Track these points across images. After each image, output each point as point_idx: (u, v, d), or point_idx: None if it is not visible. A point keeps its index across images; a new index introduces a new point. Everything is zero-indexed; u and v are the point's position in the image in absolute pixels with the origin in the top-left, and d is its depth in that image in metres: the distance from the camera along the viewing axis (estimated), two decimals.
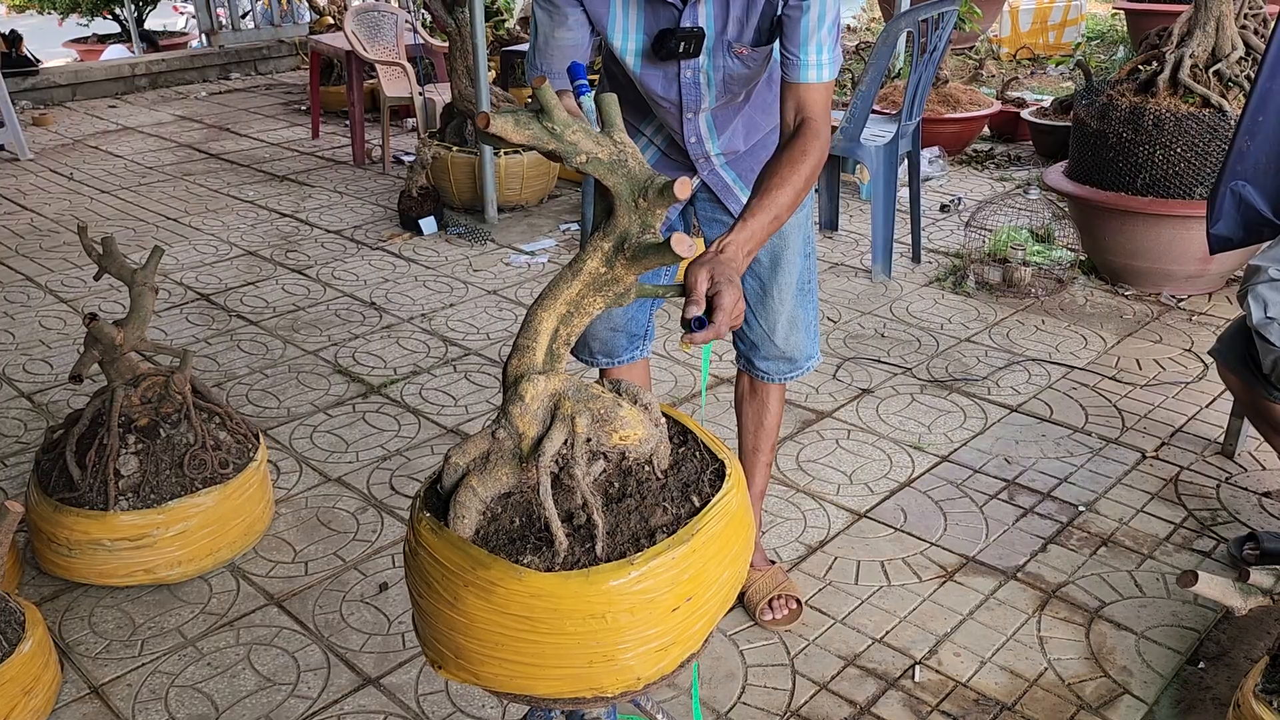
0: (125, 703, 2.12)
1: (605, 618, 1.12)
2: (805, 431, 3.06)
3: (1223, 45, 3.73)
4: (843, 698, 2.08)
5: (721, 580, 1.21)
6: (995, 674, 2.13)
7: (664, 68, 1.84)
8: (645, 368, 2.30)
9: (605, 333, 2.20)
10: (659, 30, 1.75)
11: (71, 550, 2.37)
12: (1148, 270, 3.89)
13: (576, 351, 2.24)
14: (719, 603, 1.22)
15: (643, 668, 1.17)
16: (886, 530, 2.60)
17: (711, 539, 1.18)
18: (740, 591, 1.64)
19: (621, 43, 1.80)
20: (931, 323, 3.79)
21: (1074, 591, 2.37)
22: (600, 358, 2.23)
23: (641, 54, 1.81)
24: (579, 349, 2.23)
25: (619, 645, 1.14)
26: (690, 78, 1.85)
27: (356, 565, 2.52)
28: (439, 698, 2.10)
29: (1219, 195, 2.40)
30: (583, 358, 2.25)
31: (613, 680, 1.17)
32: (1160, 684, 2.10)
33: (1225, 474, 2.81)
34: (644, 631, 1.14)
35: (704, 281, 1.37)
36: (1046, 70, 8.11)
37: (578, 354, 2.25)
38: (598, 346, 2.22)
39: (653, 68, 1.84)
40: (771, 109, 1.98)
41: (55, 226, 5.06)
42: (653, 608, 1.14)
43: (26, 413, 3.27)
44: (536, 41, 1.82)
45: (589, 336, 2.21)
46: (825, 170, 4.63)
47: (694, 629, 1.20)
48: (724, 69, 1.84)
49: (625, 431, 1.21)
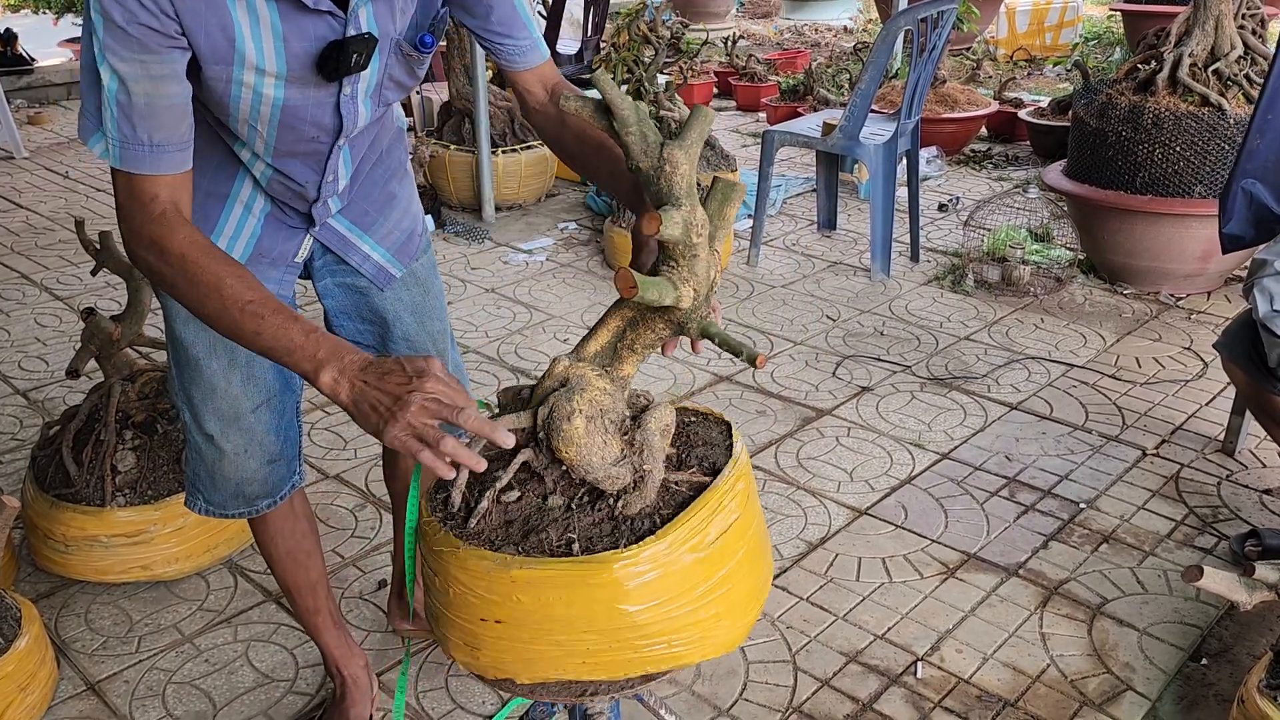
0: (122, 699, 2.10)
1: None
2: (805, 429, 3.05)
3: (1221, 44, 3.73)
4: (845, 694, 2.07)
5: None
6: (998, 670, 2.12)
7: (320, 91, 1.42)
8: (305, 500, 1.91)
9: (263, 470, 1.76)
10: (328, 43, 1.35)
11: (68, 547, 2.35)
12: (1146, 269, 3.89)
13: (222, 509, 1.78)
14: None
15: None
16: (887, 527, 2.59)
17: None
18: None
19: (256, 75, 1.34)
20: (931, 321, 3.78)
21: (1076, 588, 2.36)
22: (261, 503, 1.79)
23: (287, 80, 1.37)
24: (226, 504, 1.78)
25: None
26: (350, 93, 1.45)
27: (354, 562, 2.50)
28: (438, 694, 2.08)
29: (1230, 195, 2.39)
30: (231, 513, 1.79)
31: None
32: (1163, 680, 2.09)
33: (1226, 471, 2.80)
34: None
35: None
36: (1043, 71, 8.12)
37: (224, 512, 1.79)
38: (256, 490, 1.77)
39: (304, 93, 1.40)
40: (381, 134, 1.68)
41: (50, 225, 5.04)
42: None
43: (22, 410, 3.25)
44: (129, 110, 1.28)
45: (242, 483, 1.75)
46: (824, 169, 4.63)
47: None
48: (387, 76, 1.49)
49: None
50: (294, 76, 1.37)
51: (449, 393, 1.15)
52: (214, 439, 1.70)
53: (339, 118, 1.47)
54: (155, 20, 1.23)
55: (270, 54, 1.33)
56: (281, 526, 1.87)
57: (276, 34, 1.32)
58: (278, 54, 1.34)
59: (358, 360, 1.20)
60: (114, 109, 1.28)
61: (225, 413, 1.69)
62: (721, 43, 8.16)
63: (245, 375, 1.68)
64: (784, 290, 4.10)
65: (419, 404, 1.14)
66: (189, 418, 1.72)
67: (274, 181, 1.55)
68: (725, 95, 7.62)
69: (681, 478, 1.22)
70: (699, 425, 1.34)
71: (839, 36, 10.09)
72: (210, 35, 1.28)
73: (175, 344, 1.68)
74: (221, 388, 1.67)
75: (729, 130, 6.68)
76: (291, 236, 1.66)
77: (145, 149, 1.30)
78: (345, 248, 1.72)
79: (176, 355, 1.69)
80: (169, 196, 1.32)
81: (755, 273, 4.28)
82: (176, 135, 1.32)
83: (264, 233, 1.62)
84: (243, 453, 1.72)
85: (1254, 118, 2.40)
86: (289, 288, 1.71)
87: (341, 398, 1.19)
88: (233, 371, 1.67)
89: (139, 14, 1.22)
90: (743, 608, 1.22)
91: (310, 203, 1.60)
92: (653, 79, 4.75)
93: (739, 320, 3.82)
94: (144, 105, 1.28)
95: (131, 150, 1.30)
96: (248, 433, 1.71)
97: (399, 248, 1.77)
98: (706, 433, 1.32)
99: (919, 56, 3.99)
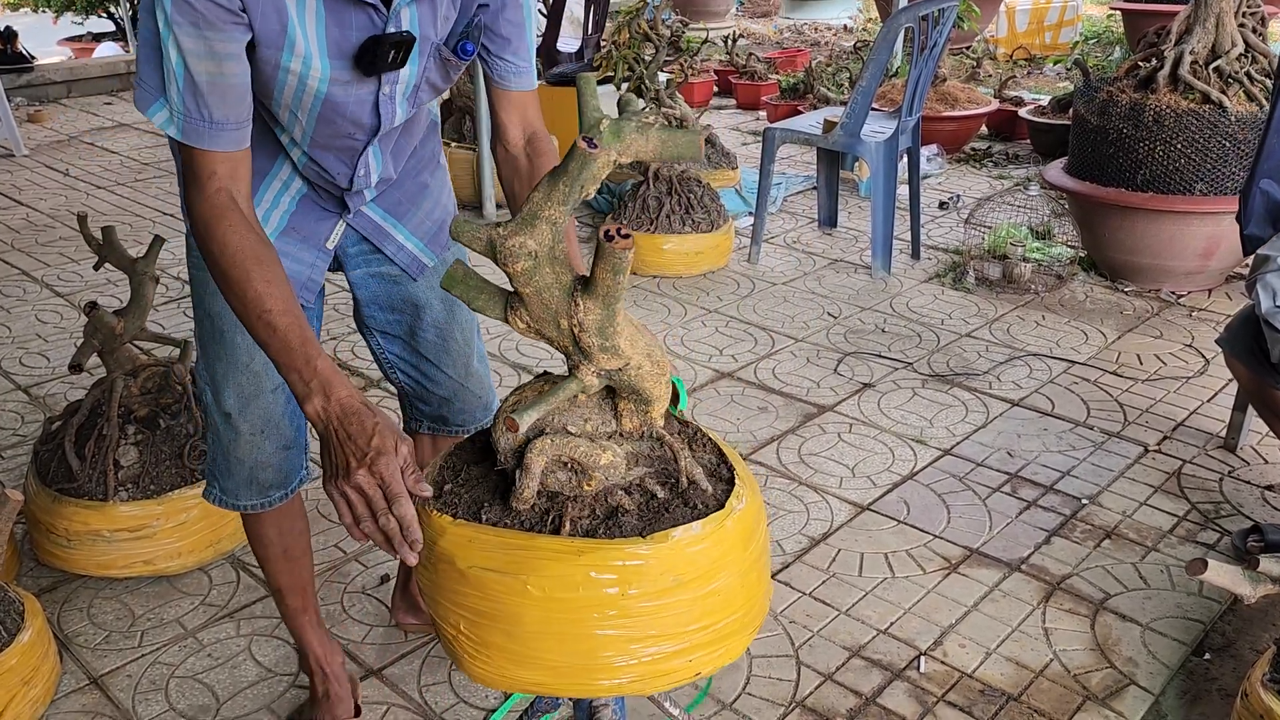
0: (125, 694, 2.10)
1: None
2: (807, 425, 3.05)
3: (1223, 42, 3.73)
4: (848, 688, 2.07)
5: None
6: (1001, 665, 2.13)
7: (361, 87, 1.46)
8: (300, 498, 1.87)
9: (278, 455, 1.75)
10: (366, 39, 1.39)
11: (70, 541, 2.35)
12: (1147, 266, 3.89)
13: (235, 499, 1.78)
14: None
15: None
16: (889, 523, 2.59)
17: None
18: None
19: (303, 64, 1.38)
20: (932, 318, 3.78)
21: (1078, 583, 2.36)
22: (274, 494, 1.78)
23: (329, 73, 1.41)
24: (239, 492, 1.77)
25: None
26: (389, 93, 1.49)
27: (357, 557, 2.50)
28: (441, 688, 2.08)
29: (1250, 196, 2.38)
30: (244, 503, 1.78)
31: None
32: (1166, 675, 2.09)
33: (1228, 467, 2.80)
34: None
35: None
36: (1043, 70, 8.13)
37: (237, 502, 1.78)
38: (270, 477, 1.76)
39: (346, 88, 1.44)
40: (414, 128, 1.68)
41: (51, 222, 5.03)
42: None
43: (23, 406, 3.25)
44: (192, 85, 1.31)
45: (256, 467, 1.74)
46: (824, 166, 4.63)
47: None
48: (425, 79, 1.53)
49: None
50: (335, 68, 1.41)
51: (391, 484, 1.16)
52: (231, 418, 1.71)
53: (376, 116, 1.51)
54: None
55: (315, 42, 1.37)
56: (282, 525, 1.86)
57: (320, 22, 1.36)
58: (320, 43, 1.37)
59: (341, 402, 1.22)
60: (179, 83, 1.32)
61: (246, 389, 1.69)
62: (722, 41, 8.16)
63: None
64: (785, 287, 4.10)
65: (357, 484, 1.16)
66: (210, 398, 1.72)
67: (308, 168, 1.60)
68: (725, 93, 7.62)
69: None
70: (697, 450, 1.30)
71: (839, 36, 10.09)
72: (266, 17, 1.31)
73: (205, 317, 1.68)
74: (244, 362, 1.67)
75: (729, 129, 6.68)
76: (325, 218, 1.68)
77: (206, 124, 1.34)
78: (381, 237, 1.75)
79: (203, 329, 1.70)
80: (226, 173, 1.36)
81: (756, 270, 4.28)
82: (235, 114, 1.35)
83: (298, 210, 1.65)
84: (259, 434, 1.72)
85: (1272, 117, 2.38)
86: (320, 273, 1.72)
87: (318, 429, 1.24)
88: (256, 349, 1.65)
89: None
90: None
91: (343, 191, 1.64)
92: (653, 77, 4.75)
93: (740, 317, 3.82)
94: (205, 82, 1.32)
95: (194, 124, 1.34)
96: (265, 413, 1.71)
97: (431, 237, 1.80)
98: (703, 458, 1.28)
99: (920, 54, 3.99)
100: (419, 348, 1.85)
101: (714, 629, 1.18)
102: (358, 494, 1.16)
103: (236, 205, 1.36)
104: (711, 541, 1.16)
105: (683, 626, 1.16)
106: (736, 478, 1.23)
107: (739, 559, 1.19)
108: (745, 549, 1.20)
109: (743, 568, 1.19)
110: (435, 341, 1.84)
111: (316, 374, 1.24)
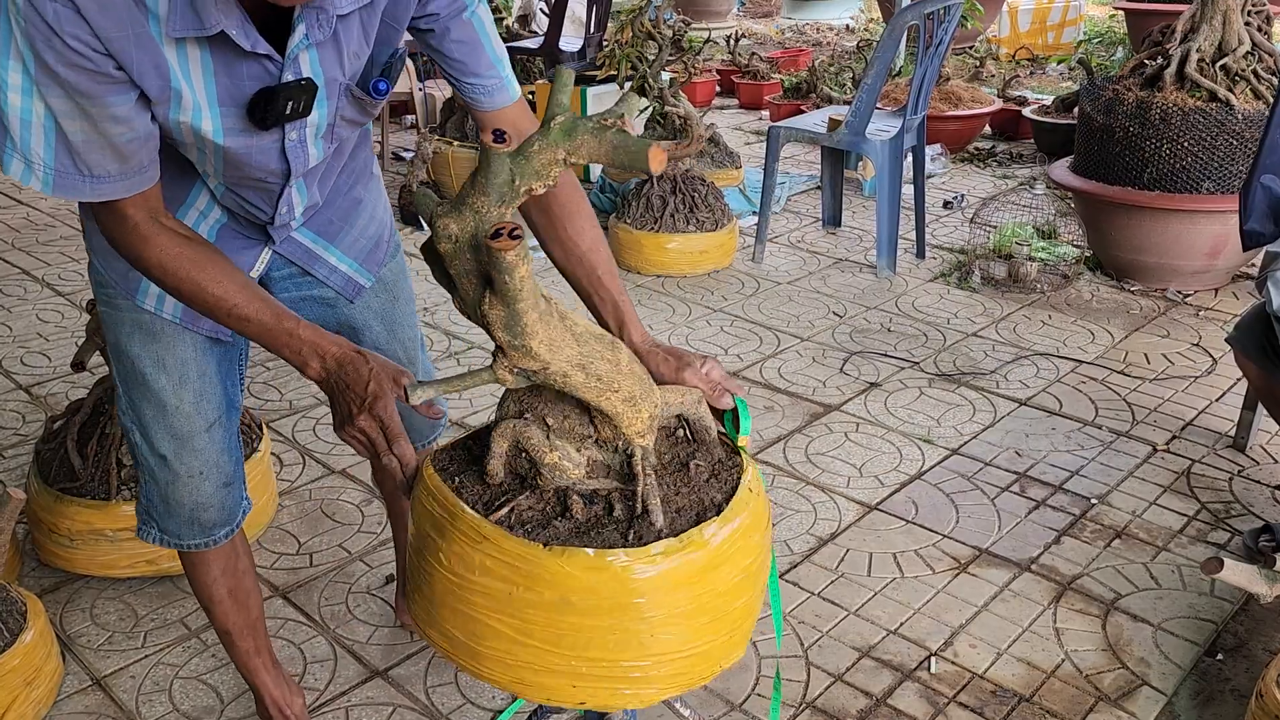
0: (129, 694, 2.08)
1: None
2: (813, 425, 3.04)
3: (1229, 40, 3.72)
4: (858, 689, 2.05)
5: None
6: (1012, 665, 2.11)
7: (263, 137, 1.33)
8: (242, 533, 1.79)
9: (219, 494, 1.67)
10: (257, 90, 1.26)
11: (73, 541, 2.33)
12: (1154, 265, 3.87)
13: (178, 538, 1.70)
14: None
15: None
16: (898, 523, 2.58)
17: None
18: None
19: (193, 116, 1.25)
20: (937, 317, 3.76)
21: (1089, 583, 2.34)
22: (219, 531, 1.70)
23: (223, 124, 1.28)
24: (181, 533, 1.69)
25: None
26: (297, 139, 1.36)
27: (361, 557, 2.48)
28: (448, 689, 2.07)
29: (1251, 191, 2.37)
30: (187, 543, 1.70)
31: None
32: (1179, 675, 2.08)
33: (1238, 467, 2.78)
34: None
35: (699, 375, 1.27)
36: (1046, 70, 8.11)
37: (180, 541, 1.70)
38: (213, 517, 1.68)
39: (245, 137, 1.31)
40: (343, 148, 1.55)
41: (51, 221, 5.01)
42: None
43: (24, 405, 3.23)
44: (66, 143, 1.19)
45: (197, 508, 1.66)
46: (828, 166, 4.62)
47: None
48: (339, 118, 1.40)
49: None
50: (229, 118, 1.28)
51: (390, 425, 1.24)
52: (168, 460, 1.61)
53: (286, 162, 1.39)
54: (89, 61, 1.13)
55: (203, 94, 1.24)
56: (226, 565, 1.77)
57: (208, 72, 1.23)
58: (209, 94, 1.25)
59: (335, 357, 1.27)
60: (46, 137, 1.18)
61: (179, 430, 1.59)
62: (724, 41, 8.15)
63: (197, 392, 1.60)
64: (789, 287, 4.08)
65: (361, 428, 1.25)
66: (139, 438, 1.62)
67: (228, 197, 1.48)
68: (728, 93, 7.61)
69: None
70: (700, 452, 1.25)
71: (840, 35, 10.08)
72: (145, 75, 1.18)
73: (120, 357, 1.59)
74: (173, 405, 1.58)
75: (732, 128, 6.66)
76: (248, 247, 1.56)
77: (85, 179, 1.22)
78: (310, 261, 1.63)
79: (122, 369, 1.60)
80: (139, 209, 1.28)
81: (761, 269, 4.27)
82: (124, 168, 1.23)
83: (218, 240, 1.52)
84: (198, 475, 1.63)
85: (1273, 112, 2.37)
86: None
87: (323, 388, 1.30)
88: (184, 389, 1.58)
89: (70, 56, 1.11)
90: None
91: (266, 223, 1.53)
92: (657, 75, 4.73)
93: (745, 316, 3.81)
94: (81, 142, 1.19)
95: (69, 180, 1.22)
96: (202, 454, 1.62)
97: (366, 255, 1.69)
98: (708, 459, 1.24)
99: (925, 51, 3.97)
100: None
101: (604, 663, 1.12)
102: (362, 436, 1.24)
103: (157, 224, 1.29)
104: (610, 575, 1.09)
105: (573, 650, 1.11)
106: (706, 534, 1.13)
107: (648, 604, 1.10)
108: (667, 594, 1.11)
109: (641, 615, 1.10)
110: (381, 334, 1.76)
111: (303, 342, 1.28)
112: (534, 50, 6.04)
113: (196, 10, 1.15)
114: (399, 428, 1.23)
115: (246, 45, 1.21)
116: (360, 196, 1.67)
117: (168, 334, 1.56)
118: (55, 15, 1.09)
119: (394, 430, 1.23)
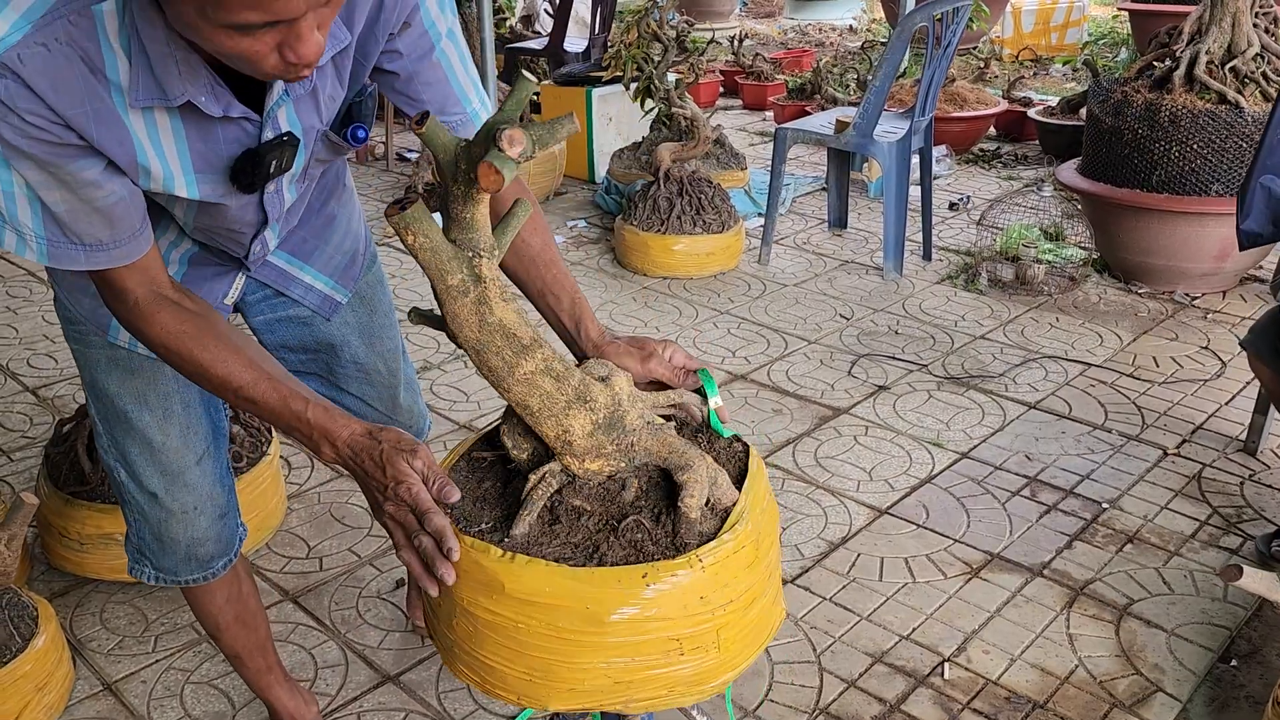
0: (140, 699, 2.07)
1: None
2: (822, 428, 3.03)
3: (1239, 42, 3.71)
4: (872, 695, 2.05)
5: None
6: (1026, 671, 2.10)
7: (243, 196, 1.29)
8: (243, 556, 1.76)
9: (215, 527, 1.63)
10: (241, 154, 1.21)
11: (83, 545, 2.32)
12: (1162, 268, 3.87)
13: (174, 575, 1.65)
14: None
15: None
16: (909, 527, 2.57)
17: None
18: None
19: (165, 185, 1.20)
20: (945, 320, 3.76)
21: (1102, 589, 2.33)
22: (218, 563, 1.67)
23: (200, 191, 1.23)
24: (178, 570, 1.65)
25: None
26: (274, 190, 1.33)
27: (372, 561, 2.48)
28: (460, 695, 2.06)
29: (1249, 191, 2.37)
30: (184, 578, 1.66)
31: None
32: (1193, 682, 2.07)
33: (1249, 471, 2.78)
34: None
35: (664, 364, 1.27)
36: (1050, 71, 8.11)
37: (177, 578, 1.66)
38: (211, 550, 1.64)
39: (224, 198, 1.27)
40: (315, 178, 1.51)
41: None
42: None
43: (32, 407, 3.23)
44: (51, 214, 1.13)
45: (193, 544, 1.61)
46: (834, 167, 4.61)
47: None
48: (313, 159, 1.35)
49: None
50: (206, 183, 1.22)
51: (418, 503, 1.13)
52: (159, 498, 1.56)
53: (263, 213, 1.36)
54: (48, 133, 1.07)
55: (175, 163, 1.18)
56: (229, 592, 1.74)
57: (180, 139, 1.16)
58: (183, 162, 1.18)
59: (347, 444, 1.19)
60: (31, 206, 1.12)
61: (169, 466, 1.55)
62: (727, 42, 8.14)
63: (184, 426, 1.55)
64: (796, 289, 4.08)
65: (390, 514, 1.15)
66: (125, 477, 1.57)
67: (198, 234, 1.43)
68: (731, 94, 7.60)
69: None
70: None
71: (843, 36, 10.07)
72: (109, 149, 1.12)
73: (98, 396, 1.53)
74: (159, 441, 1.53)
75: (736, 129, 6.65)
76: (221, 274, 1.51)
77: (78, 248, 1.17)
78: (285, 282, 1.59)
79: (102, 408, 1.54)
80: (139, 284, 1.22)
81: (767, 271, 4.26)
82: (115, 234, 1.17)
83: (190, 268, 1.47)
84: (192, 510, 1.59)
85: (1273, 113, 2.37)
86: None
87: (344, 471, 1.24)
88: (169, 424, 1.54)
89: (29, 130, 1.06)
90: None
91: (239, 258, 1.48)
92: (662, 76, 4.72)
93: (752, 318, 3.80)
94: (65, 211, 1.13)
95: (62, 249, 1.16)
96: (195, 489, 1.58)
97: (342, 271, 1.65)
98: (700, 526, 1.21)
99: (934, 52, 3.97)
100: (339, 383, 1.70)
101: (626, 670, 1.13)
102: (394, 523, 1.15)
103: (157, 300, 1.24)
104: (621, 589, 1.10)
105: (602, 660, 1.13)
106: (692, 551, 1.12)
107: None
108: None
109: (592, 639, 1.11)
110: (357, 376, 1.71)
111: (312, 427, 1.20)
112: (538, 51, 6.03)
113: (159, 80, 1.09)
114: (428, 503, 1.13)
115: (217, 113, 1.15)
116: (334, 212, 1.62)
117: (146, 369, 1.51)
118: (7, 92, 1.03)
119: (424, 506, 1.12)
